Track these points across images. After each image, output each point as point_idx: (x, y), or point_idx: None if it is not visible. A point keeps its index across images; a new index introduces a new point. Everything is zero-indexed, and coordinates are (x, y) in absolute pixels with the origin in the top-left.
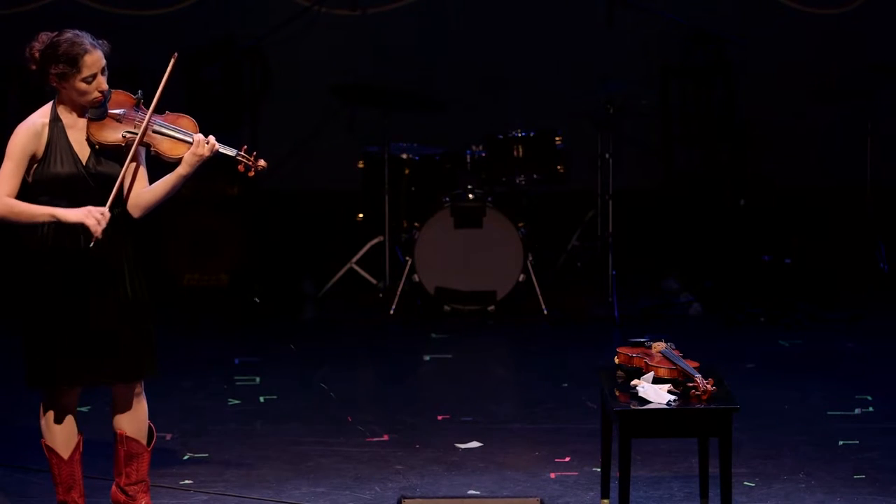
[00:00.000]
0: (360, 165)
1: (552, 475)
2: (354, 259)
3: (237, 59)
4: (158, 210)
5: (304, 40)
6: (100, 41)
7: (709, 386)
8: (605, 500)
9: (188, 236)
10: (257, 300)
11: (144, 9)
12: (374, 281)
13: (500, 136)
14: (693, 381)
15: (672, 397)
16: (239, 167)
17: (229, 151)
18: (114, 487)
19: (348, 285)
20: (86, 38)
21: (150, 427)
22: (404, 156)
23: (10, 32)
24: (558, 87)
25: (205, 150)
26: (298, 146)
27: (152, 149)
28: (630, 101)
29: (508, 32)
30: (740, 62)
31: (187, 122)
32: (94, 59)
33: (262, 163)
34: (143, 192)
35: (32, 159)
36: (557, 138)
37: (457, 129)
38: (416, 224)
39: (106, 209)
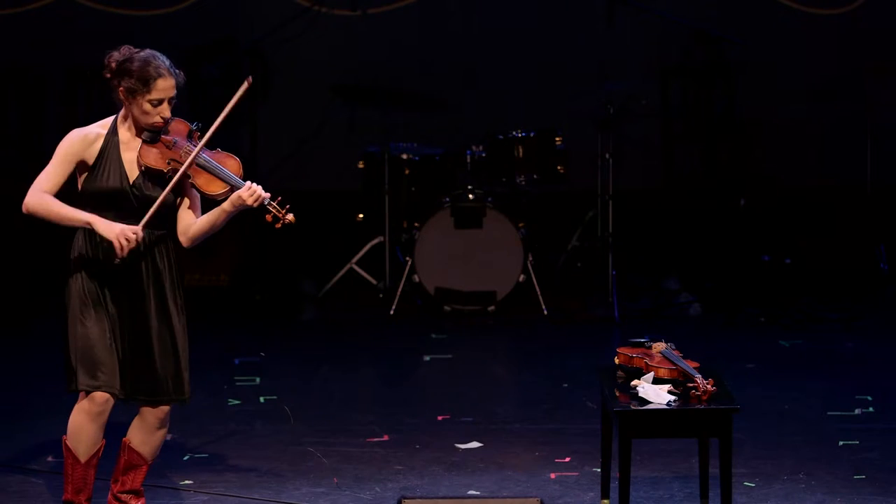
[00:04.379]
0: (360, 165)
1: (552, 475)
2: (354, 259)
3: (237, 59)
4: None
5: (304, 40)
6: (177, 70)
7: (709, 386)
8: (605, 501)
9: None
10: (258, 297)
11: (145, 9)
12: (374, 281)
13: (500, 137)
14: (693, 381)
15: (672, 397)
16: (267, 216)
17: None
18: (109, 497)
19: (348, 285)
20: (164, 63)
21: None
22: (404, 156)
23: (10, 32)
24: (558, 87)
25: (251, 200)
26: (298, 146)
27: (190, 180)
28: (630, 101)
29: (508, 32)
30: (740, 62)
31: (234, 163)
32: (167, 85)
33: (290, 217)
34: (192, 224)
35: (80, 166)
36: (557, 138)
37: (457, 129)
38: (416, 224)
39: (139, 228)
